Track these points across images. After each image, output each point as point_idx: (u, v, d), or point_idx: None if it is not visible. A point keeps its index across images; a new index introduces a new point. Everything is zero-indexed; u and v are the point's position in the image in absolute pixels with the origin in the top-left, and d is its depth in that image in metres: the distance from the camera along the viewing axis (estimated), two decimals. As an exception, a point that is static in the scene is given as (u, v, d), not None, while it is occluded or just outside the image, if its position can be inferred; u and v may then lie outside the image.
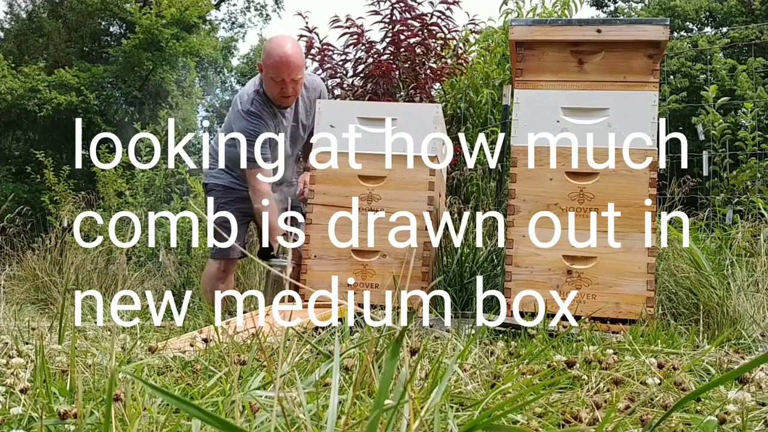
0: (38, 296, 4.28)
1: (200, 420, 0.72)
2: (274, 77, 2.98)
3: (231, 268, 3.40)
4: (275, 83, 3.00)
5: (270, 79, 3.00)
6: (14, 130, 17.32)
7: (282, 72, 2.96)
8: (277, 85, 3.00)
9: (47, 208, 7.53)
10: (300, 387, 0.91)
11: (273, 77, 2.98)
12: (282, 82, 2.99)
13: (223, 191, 3.26)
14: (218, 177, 3.29)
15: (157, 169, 7.39)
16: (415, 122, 2.74)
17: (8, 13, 19.90)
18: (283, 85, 2.99)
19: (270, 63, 2.97)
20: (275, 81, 2.99)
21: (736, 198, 4.18)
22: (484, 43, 5.73)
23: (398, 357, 0.69)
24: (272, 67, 2.97)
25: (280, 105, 3.11)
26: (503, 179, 4.45)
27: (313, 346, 1.42)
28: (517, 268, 2.43)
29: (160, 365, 1.37)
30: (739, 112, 6.67)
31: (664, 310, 2.63)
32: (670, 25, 2.54)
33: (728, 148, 4.49)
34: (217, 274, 3.30)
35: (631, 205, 2.40)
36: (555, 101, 2.49)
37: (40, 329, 1.93)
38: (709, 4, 16.52)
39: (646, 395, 1.14)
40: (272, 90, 3.03)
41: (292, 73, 2.97)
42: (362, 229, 2.72)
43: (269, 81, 3.01)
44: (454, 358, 1.01)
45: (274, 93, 3.04)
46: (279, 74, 2.97)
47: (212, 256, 3.37)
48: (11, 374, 1.14)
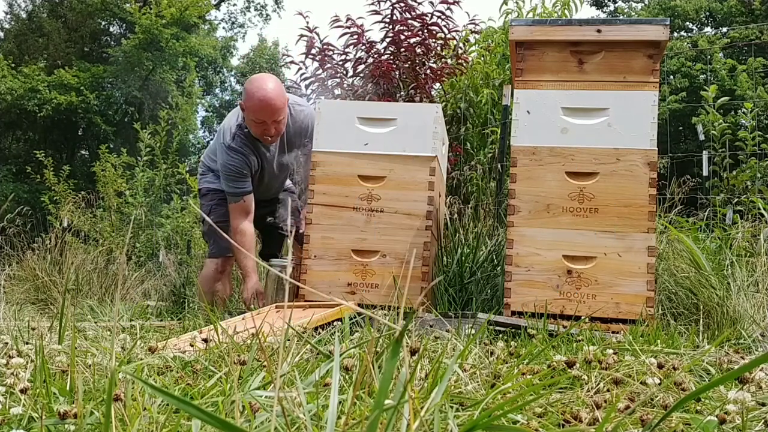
0: (38, 296, 4.28)
1: (200, 420, 0.72)
2: (255, 119, 2.94)
3: (228, 268, 3.42)
4: (257, 124, 2.96)
5: (252, 120, 2.96)
6: (14, 130, 17.32)
7: (263, 115, 2.91)
8: (259, 126, 2.96)
9: (47, 208, 7.53)
10: (300, 387, 0.91)
11: (254, 119, 2.94)
12: (263, 123, 2.94)
13: (218, 193, 3.27)
14: (212, 182, 3.32)
15: (157, 169, 7.39)
16: (415, 122, 2.74)
17: (8, 13, 19.91)
18: (265, 126, 2.95)
19: (251, 106, 2.92)
20: (257, 122, 2.95)
21: (736, 198, 4.18)
22: (484, 43, 5.73)
23: (398, 357, 0.69)
24: (253, 110, 2.92)
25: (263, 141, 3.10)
26: (503, 179, 4.45)
27: (313, 346, 1.42)
28: (517, 268, 2.43)
29: (160, 365, 1.37)
30: (739, 112, 6.67)
31: (664, 310, 2.63)
32: (670, 25, 2.54)
33: (728, 148, 4.49)
34: (214, 275, 3.33)
35: (631, 205, 2.39)
36: (555, 101, 2.49)
37: (40, 329, 1.93)
38: (709, 4, 16.52)
39: (646, 395, 1.14)
40: (255, 130, 2.99)
41: (274, 114, 2.92)
42: (362, 229, 2.72)
43: (251, 122, 2.97)
44: (454, 358, 1.01)
45: (256, 133, 3.00)
46: (260, 117, 2.92)
47: (210, 256, 3.39)
48: (11, 374, 1.14)
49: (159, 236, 6.87)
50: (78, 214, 6.69)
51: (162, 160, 7.37)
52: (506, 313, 2.41)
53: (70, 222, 6.35)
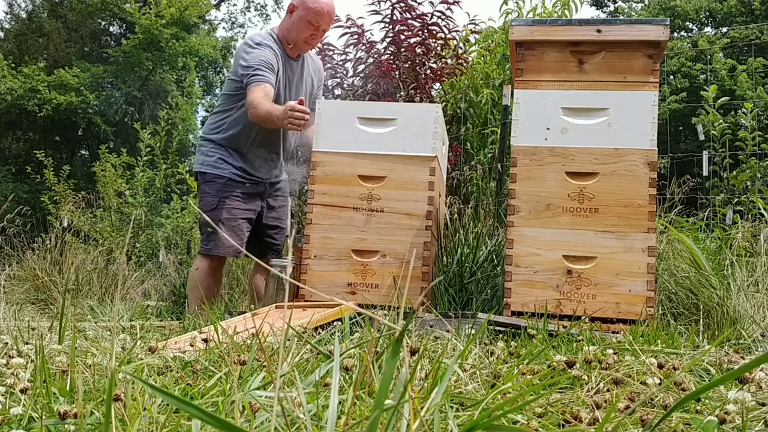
0: (38, 296, 4.28)
1: (200, 420, 0.72)
2: (312, 21, 3.04)
3: (223, 266, 3.29)
4: (309, 27, 3.05)
5: (307, 22, 3.04)
6: (14, 130, 17.32)
7: (323, 20, 3.05)
8: (310, 30, 3.06)
9: (47, 208, 7.54)
10: (300, 387, 0.91)
11: (311, 21, 3.04)
12: (316, 29, 3.06)
13: (225, 184, 3.13)
14: (219, 167, 3.15)
15: (157, 169, 7.39)
16: (415, 122, 2.74)
17: (8, 13, 19.91)
18: (315, 32, 3.07)
19: (315, 8, 3.03)
20: (311, 25, 3.05)
21: (736, 198, 4.18)
22: (485, 43, 5.73)
23: (398, 357, 0.69)
24: (316, 12, 3.03)
25: (291, 54, 3.14)
26: (503, 179, 4.45)
27: (313, 346, 1.42)
28: (517, 268, 2.43)
29: (160, 365, 1.37)
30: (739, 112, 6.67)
31: (664, 310, 2.63)
32: (670, 25, 2.54)
33: (728, 148, 4.49)
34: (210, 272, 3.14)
35: (631, 205, 2.40)
36: (555, 101, 2.49)
37: (40, 329, 1.93)
38: (709, 4, 16.52)
39: (646, 395, 1.14)
40: (302, 33, 3.06)
41: (329, 23, 3.10)
42: (362, 229, 2.72)
43: (304, 24, 3.05)
44: (454, 358, 1.01)
45: (302, 36, 3.07)
46: (319, 21, 3.05)
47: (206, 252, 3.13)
48: (11, 374, 1.14)
49: (159, 236, 6.87)
50: (78, 214, 6.69)
51: (162, 160, 7.38)
52: (506, 313, 2.41)
53: (70, 222, 6.35)
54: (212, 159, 3.18)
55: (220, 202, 3.11)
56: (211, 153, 3.19)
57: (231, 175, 3.16)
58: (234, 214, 3.11)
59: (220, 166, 3.16)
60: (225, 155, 3.17)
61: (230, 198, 3.13)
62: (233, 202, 3.12)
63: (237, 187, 3.16)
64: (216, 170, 3.16)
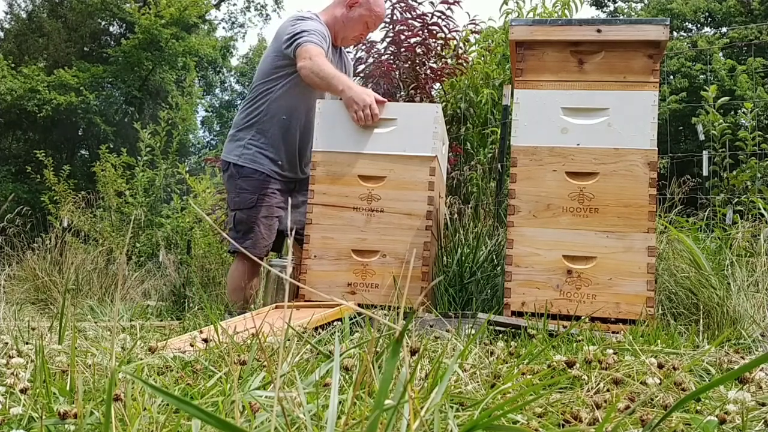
0: (38, 296, 4.28)
1: (200, 420, 0.72)
2: (370, 23, 3.16)
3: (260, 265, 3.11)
4: (365, 27, 3.17)
5: (364, 22, 3.14)
6: (14, 130, 17.33)
7: (377, 24, 3.20)
8: (363, 27, 3.16)
9: (47, 208, 7.54)
10: (300, 387, 0.91)
11: (369, 23, 3.15)
12: (367, 31, 3.20)
13: (264, 180, 3.04)
14: (258, 161, 3.05)
15: (157, 169, 7.39)
16: (415, 122, 2.74)
17: (8, 13, 19.91)
18: (365, 33, 3.22)
19: (378, 12, 3.16)
20: (367, 26, 3.16)
21: (736, 198, 4.18)
22: (485, 43, 5.73)
23: (398, 357, 0.69)
24: (378, 16, 3.17)
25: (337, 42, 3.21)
26: (503, 179, 4.45)
27: (313, 346, 1.42)
28: (517, 268, 2.43)
29: (160, 365, 1.37)
30: (739, 112, 6.67)
31: (664, 310, 2.63)
32: (670, 26, 2.54)
33: (728, 148, 4.49)
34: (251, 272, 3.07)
35: (631, 205, 2.39)
36: (555, 101, 2.49)
37: (40, 329, 1.93)
38: (707, 5, 16.52)
39: (646, 395, 1.14)
40: (356, 30, 3.16)
41: (378, 26, 3.26)
42: (362, 229, 2.72)
43: (362, 23, 3.14)
44: (454, 358, 1.01)
45: (354, 33, 3.17)
46: (375, 24, 3.18)
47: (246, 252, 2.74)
48: (11, 374, 1.14)
49: (159, 236, 6.87)
50: (78, 214, 6.69)
51: (162, 160, 7.38)
52: (506, 313, 2.41)
53: (70, 222, 6.35)
54: (250, 152, 3.06)
55: (259, 200, 3.02)
56: (249, 146, 3.07)
57: (270, 172, 3.06)
58: (272, 212, 3.04)
59: (259, 160, 3.06)
60: (262, 148, 3.07)
61: (268, 195, 3.04)
62: (271, 200, 3.05)
63: (274, 183, 3.07)
64: (254, 164, 3.05)
